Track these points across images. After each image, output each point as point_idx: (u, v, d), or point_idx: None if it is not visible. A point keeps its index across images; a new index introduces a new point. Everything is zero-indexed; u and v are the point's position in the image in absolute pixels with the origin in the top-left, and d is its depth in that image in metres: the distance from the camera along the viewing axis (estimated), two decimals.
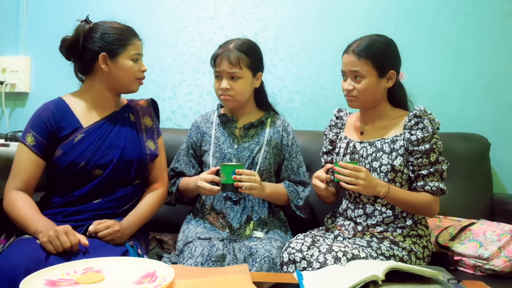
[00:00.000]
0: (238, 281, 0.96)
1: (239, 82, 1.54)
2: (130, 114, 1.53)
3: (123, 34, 1.41)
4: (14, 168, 1.34)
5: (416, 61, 2.06)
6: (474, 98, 2.04)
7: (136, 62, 1.44)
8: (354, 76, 1.43)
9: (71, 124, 1.39)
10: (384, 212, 1.44)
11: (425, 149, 1.39)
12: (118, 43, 1.40)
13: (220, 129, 1.64)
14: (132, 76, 1.44)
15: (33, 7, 2.27)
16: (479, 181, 1.83)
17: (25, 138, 1.35)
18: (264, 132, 1.62)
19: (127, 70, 1.42)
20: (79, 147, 1.37)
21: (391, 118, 1.51)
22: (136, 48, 1.44)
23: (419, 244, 1.41)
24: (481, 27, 2.03)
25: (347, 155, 1.53)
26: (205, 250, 1.37)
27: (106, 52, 1.39)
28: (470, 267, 1.46)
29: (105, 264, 1.02)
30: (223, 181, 1.41)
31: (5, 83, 2.23)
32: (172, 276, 0.93)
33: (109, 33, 1.40)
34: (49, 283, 0.91)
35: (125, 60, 1.41)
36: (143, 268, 1.01)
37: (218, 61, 1.55)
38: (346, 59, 1.45)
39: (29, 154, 1.34)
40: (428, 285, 0.96)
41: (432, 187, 1.40)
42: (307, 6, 2.13)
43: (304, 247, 1.35)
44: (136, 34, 1.45)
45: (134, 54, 1.42)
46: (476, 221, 1.62)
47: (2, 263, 1.07)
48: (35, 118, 1.39)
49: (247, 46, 1.57)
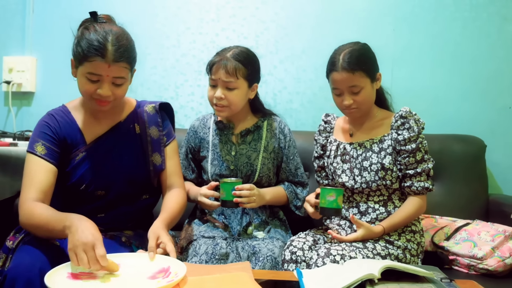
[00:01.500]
0: (241, 278, 1.00)
1: (234, 92, 1.51)
2: (135, 124, 1.40)
3: (86, 47, 1.19)
4: (26, 179, 1.23)
5: (414, 64, 2.10)
6: (471, 100, 2.07)
7: (93, 83, 1.22)
8: (352, 91, 1.44)
9: (75, 139, 1.31)
10: (377, 209, 1.48)
11: (411, 148, 1.44)
12: (79, 54, 1.21)
13: (218, 136, 1.63)
14: (86, 94, 1.25)
15: (38, 8, 2.30)
16: (475, 182, 1.86)
17: (34, 148, 1.25)
18: (261, 137, 1.62)
19: (81, 86, 1.24)
20: (80, 168, 1.30)
21: (378, 119, 1.54)
22: (93, 68, 1.20)
23: (413, 241, 1.45)
24: (478, 31, 2.06)
25: (338, 157, 1.56)
26: (209, 248, 1.40)
27: (73, 58, 1.26)
28: (465, 266, 1.49)
29: (122, 260, 1.07)
30: (223, 197, 1.44)
31: (11, 83, 2.26)
32: (184, 272, 0.98)
33: (79, 40, 1.22)
34: (71, 276, 0.96)
35: (80, 74, 1.23)
36: (157, 264, 1.06)
37: (214, 69, 1.52)
38: (339, 77, 1.43)
39: (41, 163, 1.24)
40: (422, 283, 0.99)
41: (418, 187, 1.44)
42: (307, 9, 2.16)
43: (305, 246, 1.40)
44: (101, 54, 1.19)
45: (88, 73, 1.21)
46: (471, 221, 1.66)
47: (17, 264, 1.07)
48: (41, 127, 1.30)
49: (245, 56, 1.53)
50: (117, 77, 1.23)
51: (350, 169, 1.51)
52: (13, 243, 1.23)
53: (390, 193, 1.49)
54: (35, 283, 1.02)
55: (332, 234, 1.40)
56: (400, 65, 2.10)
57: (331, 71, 1.46)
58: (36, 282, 1.02)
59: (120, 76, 1.23)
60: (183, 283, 0.96)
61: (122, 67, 1.22)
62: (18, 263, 1.07)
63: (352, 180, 1.50)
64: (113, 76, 1.22)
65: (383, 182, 1.46)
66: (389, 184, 1.47)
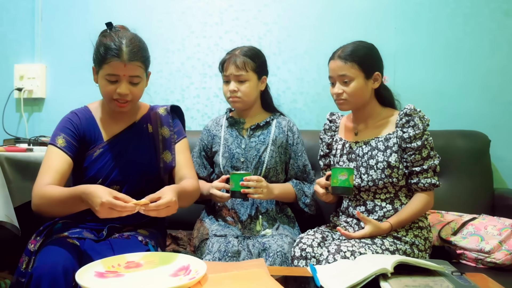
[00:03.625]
0: (258, 275, 1.03)
1: (245, 84, 1.63)
2: (148, 124, 1.50)
3: (105, 51, 1.31)
4: (43, 167, 1.31)
5: (416, 61, 2.12)
6: (474, 96, 2.08)
7: (112, 84, 1.33)
8: (342, 80, 1.49)
9: (93, 136, 1.41)
10: (384, 207, 1.49)
11: (417, 145, 1.45)
12: (98, 60, 1.34)
13: (229, 131, 1.72)
14: (107, 96, 1.35)
15: (47, 16, 2.34)
16: (480, 177, 1.87)
17: (55, 140, 1.35)
18: (270, 132, 1.70)
19: (102, 88, 1.36)
20: (97, 163, 1.38)
21: (383, 118, 1.56)
22: (111, 69, 1.31)
23: (421, 236, 1.47)
24: (480, 26, 2.07)
25: (344, 155, 1.59)
26: (222, 246, 1.45)
27: (94, 65, 1.38)
28: (472, 260, 1.51)
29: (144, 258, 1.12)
30: (232, 188, 1.50)
31: (23, 90, 2.31)
32: (204, 270, 1.01)
33: (98, 47, 1.34)
34: (98, 275, 1.00)
35: (101, 77, 1.34)
36: (178, 262, 1.09)
37: (225, 66, 1.65)
38: (333, 65, 1.51)
39: (60, 153, 1.33)
40: (433, 277, 1.01)
41: (424, 184, 1.46)
42: (308, 10, 2.19)
43: (314, 242, 1.42)
44: (117, 54, 1.30)
45: (107, 75, 1.32)
46: (478, 216, 1.67)
47: (41, 263, 1.12)
48: (64, 122, 1.40)
49: (252, 52, 1.67)
50: (133, 76, 1.33)
51: (356, 167, 1.54)
52: (34, 246, 1.28)
53: (397, 190, 1.51)
54: (59, 280, 1.07)
55: (340, 231, 1.43)
56: (402, 62, 2.12)
57: (329, 60, 1.54)
58: (60, 280, 1.07)
59: (136, 75, 1.34)
60: (204, 281, 0.99)
61: (137, 66, 1.33)
62: (43, 262, 1.12)
63: (359, 179, 1.52)
64: (129, 75, 1.33)
65: (390, 180, 1.48)
66: (396, 182, 1.48)
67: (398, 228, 1.46)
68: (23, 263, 1.27)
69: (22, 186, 1.52)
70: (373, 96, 1.56)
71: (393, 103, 1.61)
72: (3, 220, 1.39)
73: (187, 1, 2.26)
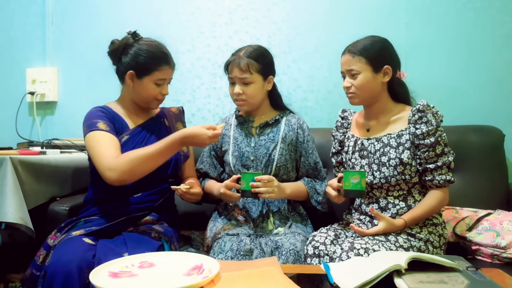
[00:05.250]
0: (271, 273, 1.03)
1: (250, 86, 1.62)
2: (164, 119, 1.65)
3: (153, 59, 1.47)
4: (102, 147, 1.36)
5: (427, 57, 2.10)
6: (487, 91, 2.06)
7: (159, 86, 1.50)
8: (351, 74, 1.50)
9: (119, 125, 1.51)
10: (397, 204, 1.48)
11: (430, 142, 1.43)
12: (146, 66, 1.46)
13: (238, 130, 1.73)
14: (151, 97, 1.51)
15: (57, 20, 2.37)
16: (495, 172, 1.85)
17: (97, 126, 1.41)
18: (279, 130, 1.69)
19: (148, 92, 1.49)
20: (125, 148, 1.45)
21: (395, 114, 1.55)
22: (163, 74, 1.49)
23: (435, 233, 1.45)
24: (492, 20, 2.05)
25: (356, 152, 1.58)
26: (234, 245, 1.45)
27: (134, 71, 1.47)
28: (488, 256, 1.49)
29: (158, 258, 1.13)
30: (243, 187, 1.49)
31: (35, 94, 2.34)
32: (217, 269, 1.02)
33: (142, 54, 1.46)
34: (112, 275, 1.01)
35: (149, 82, 1.48)
36: (191, 261, 1.10)
37: (230, 68, 1.64)
38: (343, 59, 1.52)
39: (108, 134, 1.41)
40: (448, 272, 1.00)
41: (439, 180, 1.44)
42: (318, 8, 2.18)
43: (327, 240, 1.42)
44: (167, 61, 1.50)
45: (159, 79, 1.49)
46: (493, 211, 1.65)
47: (56, 260, 1.15)
48: (95, 112, 1.48)
49: (257, 52, 1.64)
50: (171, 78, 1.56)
51: (368, 164, 1.53)
52: (54, 241, 1.32)
53: (410, 187, 1.49)
54: (73, 278, 1.10)
55: (353, 228, 1.42)
56: (413, 58, 2.11)
57: (342, 55, 1.54)
58: (74, 278, 1.10)
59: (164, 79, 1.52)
60: (217, 279, 0.99)
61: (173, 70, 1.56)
62: (57, 260, 1.16)
63: (371, 176, 1.51)
64: (171, 78, 1.56)
65: (402, 177, 1.46)
66: (409, 179, 1.47)
67: (412, 225, 1.44)
68: (40, 257, 1.31)
69: (35, 188, 1.54)
70: (384, 91, 1.55)
71: (408, 100, 1.59)
72: (18, 223, 1.42)
73: (196, 2, 2.27)
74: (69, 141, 1.99)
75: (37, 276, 1.26)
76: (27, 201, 1.48)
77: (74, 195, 1.74)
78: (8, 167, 1.45)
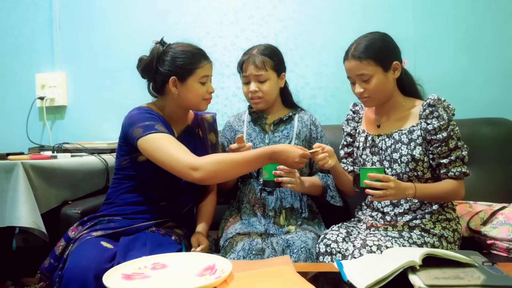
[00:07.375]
0: (284, 272, 1.02)
1: (266, 84, 1.64)
2: (199, 129, 1.62)
3: (192, 58, 1.44)
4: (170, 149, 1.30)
5: (437, 50, 2.08)
6: (497, 82, 2.03)
7: (204, 85, 1.47)
8: (361, 79, 1.45)
9: (167, 129, 1.42)
10: (410, 200, 1.46)
11: (443, 137, 1.41)
12: (187, 67, 1.43)
13: (251, 126, 1.73)
14: (199, 98, 1.47)
15: (65, 25, 2.39)
16: (508, 164, 1.82)
17: (155, 128, 1.35)
18: (293, 126, 1.70)
19: (195, 92, 1.45)
20: None
21: (406, 109, 1.52)
22: (205, 70, 1.46)
23: (449, 228, 1.44)
24: (502, 10, 2.02)
25: (367, 148, 1.56)
26: (246, 244, 1.44)
27: (176, 76, 1.43)
28: (504, 250, 1.47)
29: (170, 259, 1.13)
30: (265, 178, 1.49)
31: (45, 98, 2.36)
32: (230, 269, 1.02)
33: (179, 57, 1.43)
34: (125, 277, 1.02)
35: (193, 83, 1.45)
36: (203, 262, 1.10)
37: (244, 67, 1.65)
38: (348, 65, 1.47)
39: (171, 136, 1.36)
40: (464, 268, 0.99)
41: (455, 172, 1.42)
42: (324, 4, 2.17)
43: (339, 238, 1.41)
44: (205, 57, 1.48)
45: (203, 77, 1.46)
46: (507, 204, 1.63)
47: (72, 267, 1.14)
48: (144, 114, 1.42)
49: (270, 50, 1.67)
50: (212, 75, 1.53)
51: (380, 161, 1.51)
52: (75, 233, 1.32)
53: (422, 183, 1.47)
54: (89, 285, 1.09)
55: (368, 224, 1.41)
56: (422, 52, 2.09)
57: (344, 60, 1.50)
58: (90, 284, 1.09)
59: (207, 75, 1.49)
60: (230, 279, 0.99)
61: None
62: (74, 266, 1.14)
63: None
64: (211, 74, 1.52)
65: (415, 173, 1.45)
66: (421, 175, 1.45)
67: (421, 195, 1.40)
68: (59, 247, 1.32)
69: (47, 192, 1.55)
70: (395, 86, 1.53)
71: (415, 89, 1.56)
72: (31, 227, 1.43)
73: (202, 2, 2.27)
74: (79, 145, 2.00)
75: (54, 266, 1.27)
76: (39, 205, 1.49)
77: (85, 198, 1.75)
78: (20, 172, 1.46)
